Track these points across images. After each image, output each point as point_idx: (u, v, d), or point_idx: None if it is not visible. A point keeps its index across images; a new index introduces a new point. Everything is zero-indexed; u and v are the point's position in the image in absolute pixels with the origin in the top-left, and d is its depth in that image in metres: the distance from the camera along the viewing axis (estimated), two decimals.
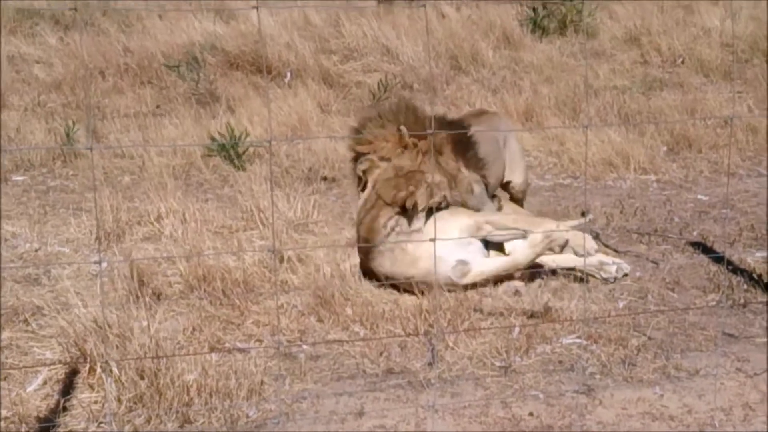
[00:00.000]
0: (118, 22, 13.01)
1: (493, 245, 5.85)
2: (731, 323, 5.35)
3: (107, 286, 5.73)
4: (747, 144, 8.87)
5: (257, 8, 2.88)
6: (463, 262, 5.64)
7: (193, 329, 5.22)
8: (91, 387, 4.58)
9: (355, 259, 5.99)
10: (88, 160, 8.43)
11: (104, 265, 6.03)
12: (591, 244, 5.93)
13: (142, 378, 4.46)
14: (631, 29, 13.34)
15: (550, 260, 5.94)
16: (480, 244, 5.81)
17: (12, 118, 9.62)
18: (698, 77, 11.66)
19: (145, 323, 4.94)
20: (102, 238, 6.49)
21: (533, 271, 5.79)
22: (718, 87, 11.12)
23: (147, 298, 5.46)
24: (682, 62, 12.20)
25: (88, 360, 4.65)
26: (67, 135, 8.71)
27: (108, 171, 8.33)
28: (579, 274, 5.89)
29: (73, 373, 4.68)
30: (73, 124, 8.85)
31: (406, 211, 5.77)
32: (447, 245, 5.39)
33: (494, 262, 5.75)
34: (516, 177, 6.83)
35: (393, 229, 5.74)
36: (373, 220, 5.79)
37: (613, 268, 6.00)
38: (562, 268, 5.94)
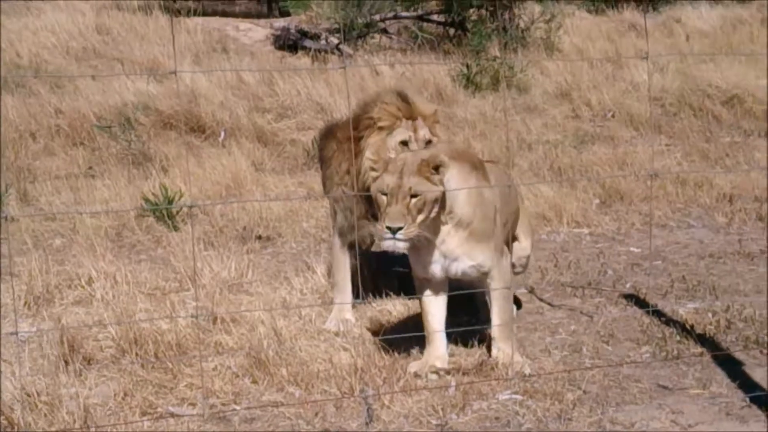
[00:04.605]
0: (50, 84, 12.90)
1: None
2: (665, 375, 5.38)
3: (36, 352, 5.62)
4: (676, 196, 9.01)
5: (175, 73, 2.89)
6: None
7: (125, 394, 5.11)
8: None
9: None
10: (18, 225, 8.29)
11: (33, 329, 5.92)
12: None
13: None
14: (562, 84, 13.54)
15: None
16: None
17: None
18: (628, 131, 11.85)
19: (74, 390, 4.84)
20: (31, 304, 6.36)
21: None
22: (648, 140, 11.30)
23: (77, 364, 5.35)
24: (612, 116, 12.40)
25: (16, 429, 4.53)
26: None
27: (38, 234, 8.20)
28: None
29: None
30: (7, 188, 8.72)
31: None
32: None
33: None
34: None
35: None
36: None
37: None
38: None
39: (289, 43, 16.34)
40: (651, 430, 4.72)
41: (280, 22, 17.25)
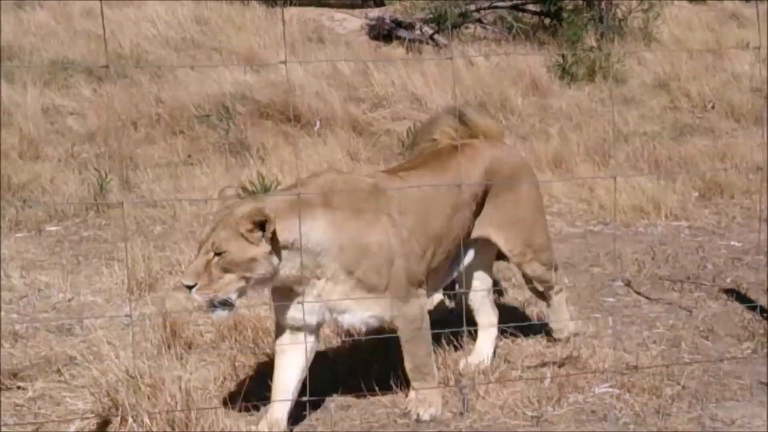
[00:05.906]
0: (150, 74, 13.14)
1: None
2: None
3: (139, 336, 5.76)
4: None
5: (285, 62, 2.93)
6: None
7: (224, 379, 5.23)
8: None
9: None
10: (120, 211, 8.49)
11: (136, 314, 6.06)
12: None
13: (173, 429, 4.46)
14: (660, 75, 13.33)
15: None
16: None
17: (46, 168, 9.72)
18: (729, 122, 11.63)
19: (176, 373, 4.95)
20: (134, 289, 6.52)
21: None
22: (749, 132, 11.07)
23: (179, 348, 5.48)
24: (713, 107, 12.18)
25: (120, 410, 4.65)
26: (101, 186, 8.81)
27: (140, 220, 8.38)
28: None
29: (105, 424, 4.68)
30: (106, 174, 8.94)
31: None
32: None
33: None
34: None
35: None
36: None
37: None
38: None
39: (383, 33, 16.36)
40: (752, 428, 4.64)
41: (374, 12, 17.29)
